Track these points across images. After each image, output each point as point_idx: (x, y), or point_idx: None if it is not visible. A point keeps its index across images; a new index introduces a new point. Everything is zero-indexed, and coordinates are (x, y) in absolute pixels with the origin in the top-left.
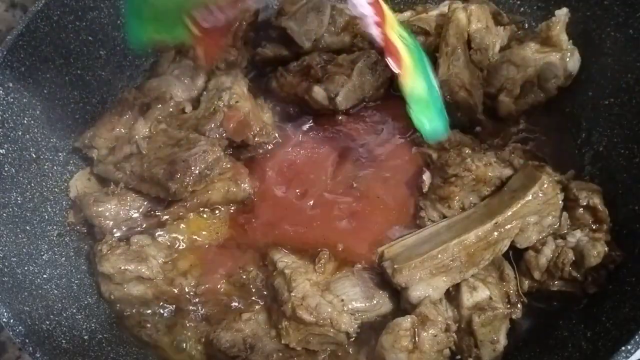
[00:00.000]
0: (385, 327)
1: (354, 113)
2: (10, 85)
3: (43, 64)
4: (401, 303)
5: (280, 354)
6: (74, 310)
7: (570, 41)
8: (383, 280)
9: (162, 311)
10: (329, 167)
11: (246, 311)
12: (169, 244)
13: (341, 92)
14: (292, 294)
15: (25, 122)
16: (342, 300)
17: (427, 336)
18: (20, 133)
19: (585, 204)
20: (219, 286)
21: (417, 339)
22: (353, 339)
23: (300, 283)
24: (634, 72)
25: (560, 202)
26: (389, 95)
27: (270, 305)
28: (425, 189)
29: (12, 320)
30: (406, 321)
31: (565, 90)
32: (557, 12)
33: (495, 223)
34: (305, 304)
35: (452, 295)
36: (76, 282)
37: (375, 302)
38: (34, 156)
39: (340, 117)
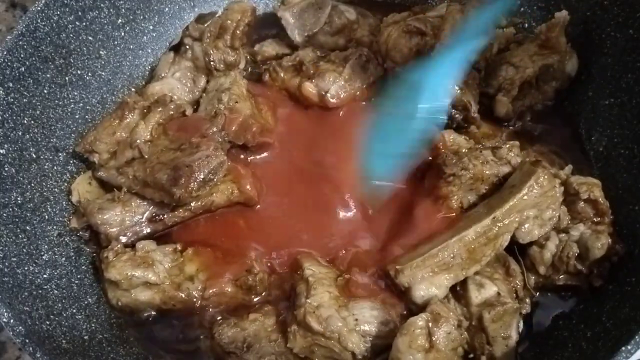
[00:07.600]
0: (399, 329)
1: (350, 110)
2: (10, 85)
3: (43, 64)
4: (406, 304)
5: (274, 358)
6: (74, 311)
7: (569, 44)
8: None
9: None
10: (331, 167)
11: (255, 311)
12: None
13: (332, 89)
14: (308, 300)
15: (25, 122)
16: (357, 319)
17: (441, 334)
18: (20, 133)
19: (586, 197)
20: (226, 289)
21: (432, 337)
22: None
23: (320, 293)
24: (634, 72)
25: (559, 195)
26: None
27: (287, 307)
28: None
29: (12, 320)
30: (420, 318)
31: (565, 90)
32: (556, 14)
33: (494, 218)
34: (317, 312)
35: (460, 293)
36: (76, 282)
37: (389, 329)
38: (34, 156)
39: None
